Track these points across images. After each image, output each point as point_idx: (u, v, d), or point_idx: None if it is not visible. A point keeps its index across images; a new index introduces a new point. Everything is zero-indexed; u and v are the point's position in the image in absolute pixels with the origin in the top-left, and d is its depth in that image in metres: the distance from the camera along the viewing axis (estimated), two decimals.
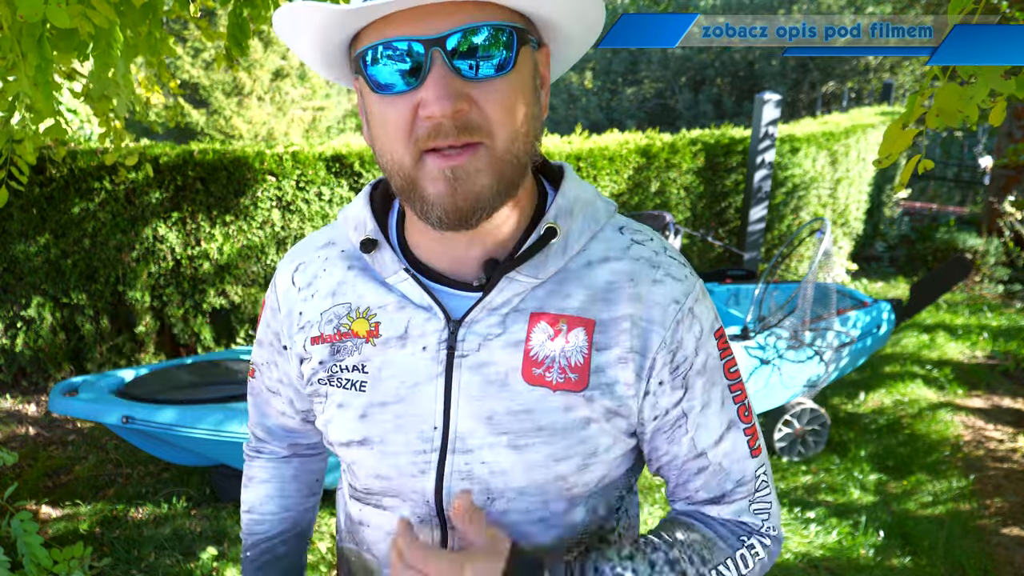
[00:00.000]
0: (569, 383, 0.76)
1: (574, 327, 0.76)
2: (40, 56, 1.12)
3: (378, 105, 0.71)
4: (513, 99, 0.70)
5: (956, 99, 0.83)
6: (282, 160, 4.24)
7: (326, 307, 0.84)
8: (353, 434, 0.82)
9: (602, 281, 0.78)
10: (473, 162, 0.68)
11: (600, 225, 0.81)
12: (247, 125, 11.46)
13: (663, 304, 0.77)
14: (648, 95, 13.00)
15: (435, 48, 0.66)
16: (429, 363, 0.78)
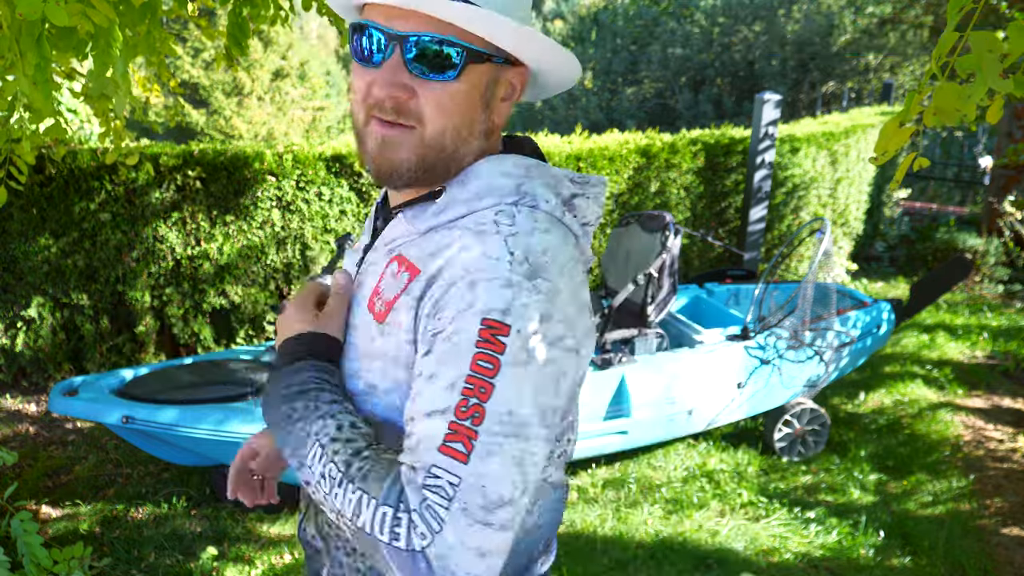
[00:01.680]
0: (379, 314, 0.88)
1: (404, 270, 0.87)
2: (39, 55, 1.12)
3: (354, 69, 0.89)
4: (449, 102, 0.84)
5: (954, 97, 0.84)
6: (282, 160, 4.24)
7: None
8: None
9: (442, 243, 0.84)
10: (400, 138, 0.85)
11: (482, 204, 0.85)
12: (247, 125, 11.46)
13: (455, 266, 0.79)
14: (648, 95, 13.00)
15: (395, 43, 0.82)
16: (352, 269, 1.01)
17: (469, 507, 0.73)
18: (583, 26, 14.59)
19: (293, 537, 3.03)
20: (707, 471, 3.60)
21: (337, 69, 16.45)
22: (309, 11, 2.31)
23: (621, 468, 3.65)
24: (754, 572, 2.85)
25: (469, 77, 0.84)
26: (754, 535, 3.10)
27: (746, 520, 3.23)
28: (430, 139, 0.84)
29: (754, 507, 3.32)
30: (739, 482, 3.52)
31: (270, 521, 3.14)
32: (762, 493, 3.44)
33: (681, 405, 3.43)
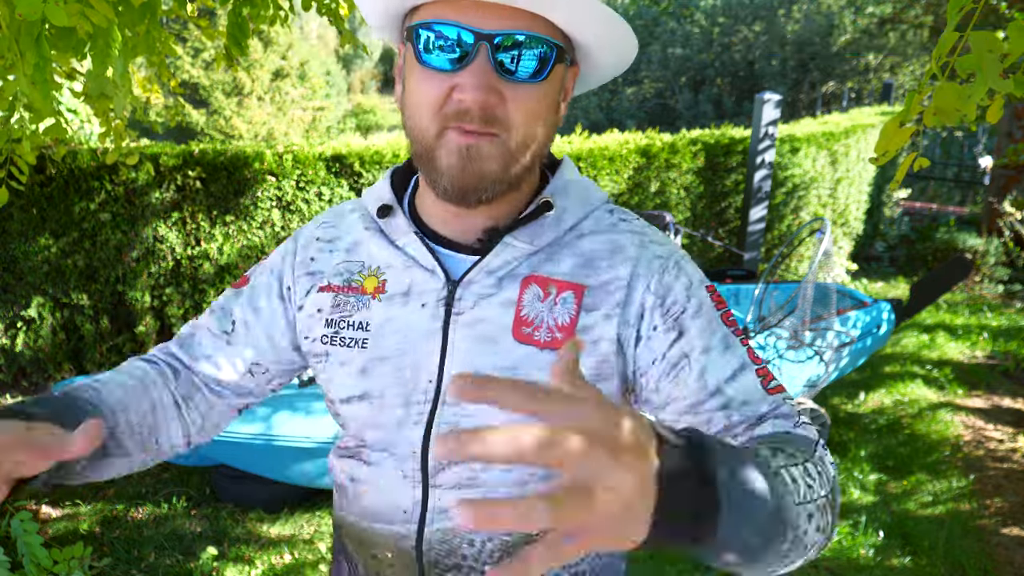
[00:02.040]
0: (556, 342, 0.81)
1: (564, 290, 0.82)
2: (38, 55, 1.12)
3: (419, 75, 0.77)
4: (537, 106, 0.77)
5: (954, 97, 0.84)
6: (282, 160, 4.24)
7: (340, 260, 0.90)
8: (353, 390, 0.87)
9: (591, 249, 0.84)
10: (488, 147, 0.76)
11: (593, 207, 0.88)
12: (247, 125, 11.46)
13: (646, 261, 0.83)
14: (648, 95, 13.00)
15: (483, 42, 0.73)
16: (428, 320, 0.84)
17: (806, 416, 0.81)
18: None
19: (293, 537, 3.04)
20: None
21: (337, 69, 16.46)
22: (309, 11, 2.31)
23: None
24: None
25: (553, 77, 0.78)
26: None
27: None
28: (516, 148, 0.77)
29: None
30: None
31: (270, 521, 3.14)
32: None
33: None
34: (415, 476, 0.86)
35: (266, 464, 3.02)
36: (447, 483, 0.85)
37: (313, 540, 3.02)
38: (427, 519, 0.86)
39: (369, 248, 0.89)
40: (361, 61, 21.20)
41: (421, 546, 0.87)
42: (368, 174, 4.39)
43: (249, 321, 0.93)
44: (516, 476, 0.84)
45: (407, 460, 0.86)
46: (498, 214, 0.84)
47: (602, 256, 0.84)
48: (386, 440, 0.87)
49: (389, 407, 0.85)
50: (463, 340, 0.82)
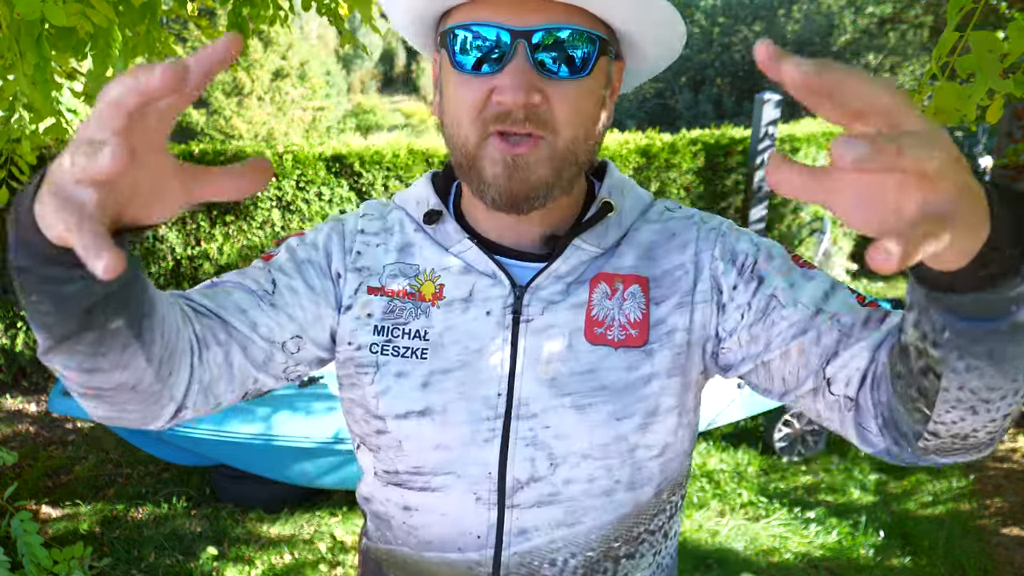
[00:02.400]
0: (630, 339, 0.78)
1: (630, 284, 0.80)
2: (38, 55, 1.12)
3: (455, 81, 0.73)
4: (582, 102, 0.73)
5: (954, 97, 0.84)
6: (282, 160, 4.24)
7: (391, 260, 0.83)
8: (413, 404, 0.79)
9: (647, 241, 0.82)
10: (534, 153, 0.71)
11: (646, 205, 0.86)
12: (247, 125, 11.47)
13: (703, 237, 0.82)
14: (648, 95, 13.01)
15: (521, 40, 0.69)
16: (494, 327, 0.79)
17: None
18: None
19: (293, 537, 3.04)
20: (707, 471, 3.60)
21: (337, 69, 16.46)
22: (309, 11, 2.31)
23: None
24: (754, 572, 2.85)
25: (597, 72, 0.74)
26: (754, 535, 3.10)
27: (746, 520, 3.23)
28: (564, 149, 0.73)
29: (754, 507, 3.32)
30: (739, 482, 3.52)
31: (270, 521, 3.14)
32: (762, 493, 3.44)
33: None
34: (490, 498, 0.80)
35: (266, 464, 3.02)
36: (526, 502, 0.80)
37: (313, 540, 3.02)
38: (504, 543, 0.81)
39: (423, 252, 0.82)
40: (361, 61, 21.20)
41: (498, 572, 0.82)
42: (368, 174, 4.39)
43: (297, 288, 0.80)
44: (601, 486, 0.80)
45: (481, 482, 0.79)
46: (553, 220, 0.81)
47: (660, 244, 0.82)
48: (453, 461, 0.80)
49: (453, 424, 0.79)
50: (533, 348, 0.78)
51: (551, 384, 0.77)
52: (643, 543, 0.84)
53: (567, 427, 0.78)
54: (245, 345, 0.76)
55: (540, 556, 0.81)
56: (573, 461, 0.78)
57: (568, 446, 0.78)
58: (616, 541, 0.82)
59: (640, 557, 0.85)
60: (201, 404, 0.75)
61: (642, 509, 0.82)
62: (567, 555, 0.81)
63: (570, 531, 0.80)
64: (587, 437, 0.78)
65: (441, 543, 0.83)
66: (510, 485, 0.79)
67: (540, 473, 0.78)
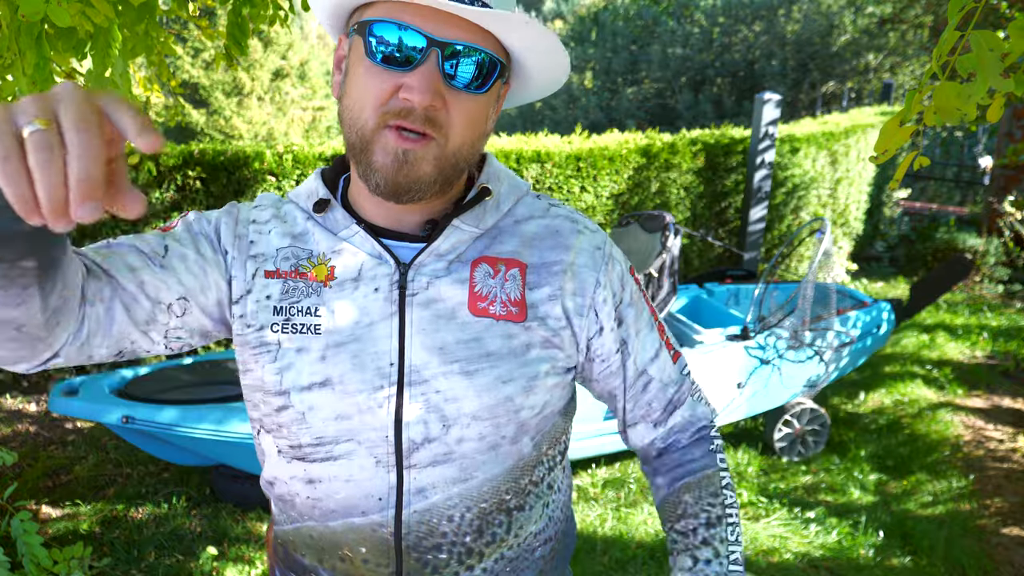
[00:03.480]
0: (511, 315, 0.86)
1: (511, 268, 0.88)
2: (38, 54, 1.12)
3: (365, 70, 0.78)
4: (475, 114, 0.81)
5: (954, 97, 0.84)
6: (282, 160, 4.24)
7: (284, 245, 0.88)
8: (315, 376, 0.85)
9: (530, 233, 0.91)
10: (423, 151, 0.78)
11: (522, 192, 0.94)
12: (247, 125, 11.46)
13: (589, 250, 0.91)
14: (648, 95, 13.00)
15: (435, 48, 0.76)
16: (383, 303, 0.85)
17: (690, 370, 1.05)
18: (583, 26, 14.58)
19: None
20: None
21: None
22: (309, 11, 2.31)
23: (621, 468, 3.65)
24: (754, 572, 2.85)
25: (492, 91, 0.82)
26: (754, 535, 3.10)
27: (746, 520, 3.23)
28: (451, 153, 0.80)
29: (754, 507, 3.32)
30: (739, 482, 3.52)
31: (270, 521, 3.14)
32: (762, 493, 3.44)
33: None
34: (388, 460, 0.86)
35: None
36: (422, 462, 0.86)
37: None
38: (404, 502, 0.87)
39: (315, 238, 0.88)
40: None
41: (400, 531, 0.88)
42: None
43: (187, 255, 0.85)
44: (489, 442, 0.87)
45: (379, 445, 0.86)
46: (433, 207, 0.88)
47: (542, 238, 0.90)
48: (353, 428, 0.86)
49: (351, 393, 0.85)
50: (421, 319, 0.85)
51: (440, 352, 0.84)
52: (529, 495, 0.93)
53: (457, 391, 0.85)
54: (128, 303, 0.80)
55: (438, 513, 0.88)
56: (464, 422, 0.86)
57: (459, 408, 0.85)
58: (507, 493, 0.91)
59: (530, 509, 0.94)
60: (74, 356, 0.79)
61: (525, 461, 0.91)
62: (463, 510, 0.88)
63: (464, 486, 0.88)
64: (476, 400, 0.85)
65: (345, 509, 0.88)
66: (406, 447, 0.85)
67: (434, 434, 0.85)
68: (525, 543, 0.94)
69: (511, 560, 0.94)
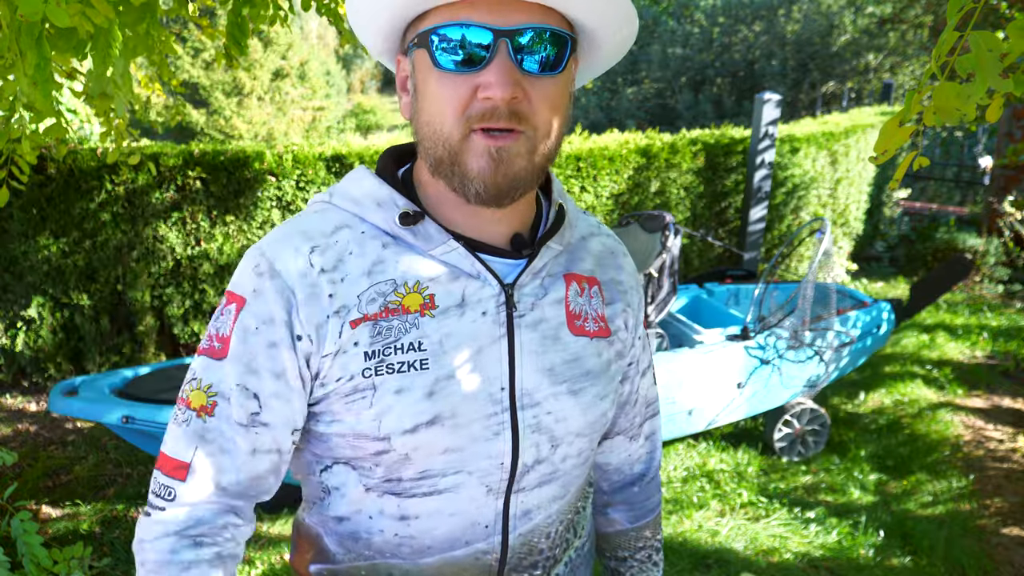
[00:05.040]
0: (601, 331, 0.90)
1: (592, 285, 0.91)
2: (39, 55, 1.12)
3: (436, 80, 0.75)
4: (557, 98, 0.77)
5: (954, 97, 0.84)
6: (282, 160, 4.24)
7: (364, 288, 0.79)
8: (420, 416, 0.78)
9: (597, 250, 0.94)
10: (516, 146, 0.75)
11: (579, 209, 0.99)
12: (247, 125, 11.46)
13: (632, 272, 0.99)
14: (648, 95, 13.00)
15: (503, 39, 0.72)
16: (491, 326, 0.82)
17: None
18: None
19: None
20: (707, 471, 3.60)
21: (337, 69, 16.45)
22: (309, 11, 2.31)
23: None
24: (754, 572, 2.85)
25: (568, 70, 0.78)
26: (754, 535, 3.10)
27: (746, 520, 3.23)
28: (541, 142, 0.77)
29: (754, 507, 3.32)
30: (739, 482, 3.52)
31: (270, 521, 3.14)
32: (762, 493, 3.44)
33: (681, 405, 3.43)
34: (500, 487, 0.83)
35: None
36: (530, 484, 0.86)
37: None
38: (510, 527, 0.86)
39: (398, 265, 0.80)
40: (361, 61, 21.19)
41: (505, 556, 0.86)
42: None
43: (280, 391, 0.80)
44: (585, 456, 0.92)
45: (492, 472, 0.82)
46: (517, 219, 0.86)
47: (605, 256, 0.95)
48: (464, 459, 0.81)
49: (463, 425, 0.80)
50: (530, 341, 0.84)
51: (549, 373, 0.84)
52: (588, 497, 0.99)
53: (566, 411, 0.86)
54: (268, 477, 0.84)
55: (539, 532, 0.89)
56: (569, 440, 0.87)
57: (566, 427, 0.86)
58: (580, 500, 0.96)
59: (584, 510, 0.99)
60: None
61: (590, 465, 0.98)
62: (558, 524, 0.91)
63: (562, 502, 0.91)
64: (581, 417, 0.87)
65: (445, 543, 0.83)
66: (520, 471, 0.84)
67: (543, 455, 0.85)
68: (582, 542, 0.98)
69: (574, 560, 0.98)
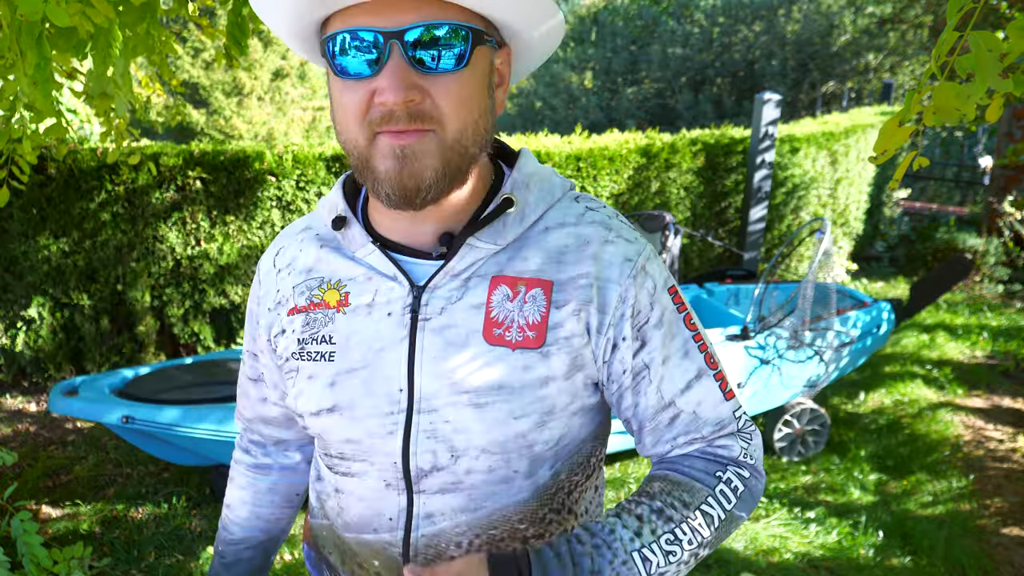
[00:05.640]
0: (527, 341, 0.80)
1: (532, 287, 0.81)
2: (39, 55, 1.12)
3: (339, 88, 0.76)
4: (465, 93, 0.75)
5: (953, 97, 0.84)
6: (282, 160, 4.24)
7: (299, 281, 0.89)
8: (322, 402, 0.86)
9: (558, 244, 0.83)
10: (422, 144, 0.74)
11: (556, 197, 0.86)
12: (247, 125, 11.46)
13: (617, 263, 0.83)
14: (648, 95, 13.00)
15: (393, 40, 0.71)
16: (394, 328, 0.83)
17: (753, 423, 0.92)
18: (583, 26, 14.58)
19: (293, 537, 3.04)
20: None
21: None
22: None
23: (621, 468, 3.65)
24: (754, 572, 2.85)
25: (476, 62, 0.75)
26: (754, 535, 3.10)
27: (746, 520, 3.23)
28: (452, 140, 0.75)
29: None
30: None
31: None
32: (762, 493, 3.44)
33: None
34: (398, 484, 0.86)
35: None
36: (430, 489, 0.85)
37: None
38: (413, 525, 0.86)
39: (329, 264, 0.88)
40: None
41: (408, 553, 0.87)
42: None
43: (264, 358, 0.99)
44: (500, 475, 0.85)
45: (388, 469, 0.86)
46: (447, 218, 0.83)
47: (569, 250, 0.83)
48: (363, 451, 0.86)
49: (360, 419, 0.84)
50: (432, 346, 0.81)
51: (450, 382, 0.81)
52: (551, 523, 0.89)
53: (465, 423, 0.81)
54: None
55: (446, 539, 0.86)
56: (473, 454, 0.83)
57: (468, 440, 0.82)
58: (521, 523, 0.87)
59: (549, 536, 0.90)
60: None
61: (543, 492, 0.87)
62: (471, 536, 0.86)
63: (473, 516, 0.86)
64: (485, 434, 0.81)
65: (358, 524, 0.90)
66: (414, 474, 0.84)
67: (442, 463, 0.83)
68: None
69: None
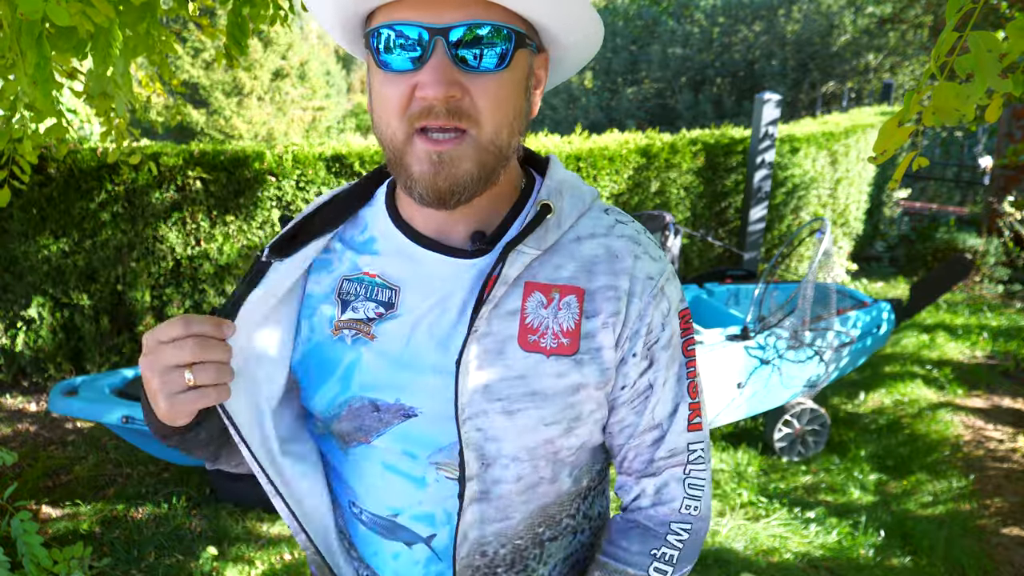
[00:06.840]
0: (562, 348, 0.81)
1: (566, 295, 0.82)
2: (39, 54, 1.12)
3: (380, 81, 0.77)
4: (503, 94, 0.76)
5: (953, 97, 0.84)
6: (282, 160, 4.24)
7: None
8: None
9: (590, 254, 0.84)
10: (458, 149, 0.75)
11: (587, 206, 0.87)
12: (247, 125, 11.46)
13: (641, 279, 0.84)
14: (648, 95, 13.00)
15: (438, 37, 0.72)
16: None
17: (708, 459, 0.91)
18: None
19: (293, 537, 3.04)
20: None
21: (337, 69, 16.46)
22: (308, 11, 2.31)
23: None
24: (754, 572, 2.85)
25: (516, 64, 0.76)
26: (754, 535, 3.10)
27: (746, 520, 3.23)
28: (488, 141, 0.76)
29: (754, 507, 3.32)
30: (739, 482, 3.52)
31: (270, 521, 3.14)
32: (762, 493, 3.44)
33: None
34: None
35: None
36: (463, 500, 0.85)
37: None
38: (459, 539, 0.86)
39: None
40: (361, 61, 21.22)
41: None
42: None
43: None
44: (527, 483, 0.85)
45: None
46: (480, 217, 0.84)
47: (600, 260, 0.83)
48: None
49: None
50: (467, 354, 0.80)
51: (483, 390, 0.80)
52: (566, 528, 0.91)
53: (496, 431, 0.81)
54: None
55: (473, 548, 0.86)
56: (503, 463, 0.82)
57: (498, 449, 0.81)
58: (540, 527, 0.88)
59: (562, 538, 0.91)
60: None
61: (563, 497, 0.89)
62: (497, 546, 0.86)
63: (501, 526, 0.85)
64: (515, 441, 0.81)
65: None
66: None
67: (473, 472, 0.82)
68: (554, 569, 0.93)
69: None
